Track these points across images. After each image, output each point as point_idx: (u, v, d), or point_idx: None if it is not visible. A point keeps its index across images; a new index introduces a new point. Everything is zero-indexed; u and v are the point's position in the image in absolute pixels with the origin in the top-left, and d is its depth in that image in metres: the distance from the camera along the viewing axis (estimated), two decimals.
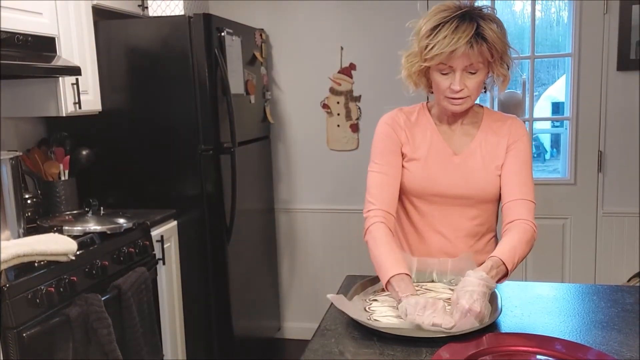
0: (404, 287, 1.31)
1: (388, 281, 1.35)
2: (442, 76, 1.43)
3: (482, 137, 1.54)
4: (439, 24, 1.38)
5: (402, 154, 1.56)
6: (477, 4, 1.46)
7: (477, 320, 1.20)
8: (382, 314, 1.29)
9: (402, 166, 1.56)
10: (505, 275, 1.35)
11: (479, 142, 1.54)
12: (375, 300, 1.37)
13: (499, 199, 1.56)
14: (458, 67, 1.39)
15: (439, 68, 1.42)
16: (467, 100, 1.45)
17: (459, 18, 1.38)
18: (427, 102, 1.62)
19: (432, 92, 1.55)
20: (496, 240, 1.65)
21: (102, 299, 1.90)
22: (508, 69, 1.47)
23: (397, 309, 1.28)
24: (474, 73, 1.41)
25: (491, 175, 1.52)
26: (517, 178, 1.50)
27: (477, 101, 1.57)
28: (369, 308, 1.33)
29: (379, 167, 1.55)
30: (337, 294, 1.48)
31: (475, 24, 1.37)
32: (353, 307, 1.31)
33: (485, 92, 1.55)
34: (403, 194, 1.59)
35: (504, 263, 1.33)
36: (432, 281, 1.47)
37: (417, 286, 1.42)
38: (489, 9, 1.44)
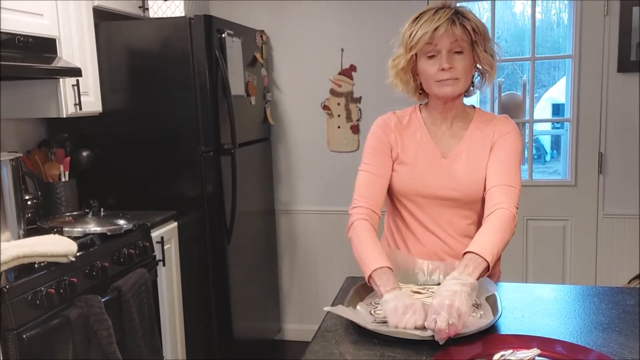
0: (385, 281, 1.32)
1: (370, 276, 1.36)
2: (429, 61, 1.48)
3: (469, 139, 1.56)
4: (420, 14, 1.48)
5: (392, 156, 1.58)
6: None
7: (453, 314, 1.15)
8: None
9: (392, 169, 1.58)
10: (487, 268, 1.31)
11: (465, 143, 1.56)
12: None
13: None
14: (444, 46, 1.45)
15: (425, 52, 1.47)
16: (458, 83, 1.48)
17: (438, 8, 1.48)
18: (420, 105, 1.64)
19: (421, 92, 1.58)
20: None
21: (102, 300, 1.90)
22: (493, 58, 1.51)
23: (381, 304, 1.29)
24: (460, 53, 1.46)
25: (475, 176, 1.53)
26: (497, 166, 1.50)
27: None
28: (374, 312, 1.32)
29: (368, 167, 1.58)
30: (337, 295, 1.49)
31: (453, 9, 1.47)
32: (356, 313, 1.30)
33: (472, 86, 1.57)
34: (395, 197, 1.61)
35: (479, 255, 1.30)
36: (439, 284, 1.47)
37: (423, 289, 1.43)
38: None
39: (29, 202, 2.34)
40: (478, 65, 1.52)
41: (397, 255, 1.52)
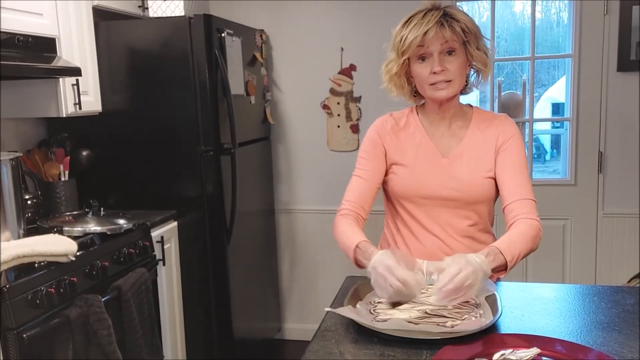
0: (364, 252, 1.38)
1: (355, 257, 1.42)
2: (421, 64, 1.49)
3: (469, 139, 1.56)
4: (410, 18, 1.49)
5: (388, 160, 1.59)
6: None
7: (457, 296, 1.21)
8: (387, 315, 1.28)
9: (391, 171, 1.59)
10: (504, 267, 1.34)
11: (466, 143, 1.55)
12: (380, 302, 1.37)
13: (492, 199, 1.57)
14: (435, 48, 1.45)
15: (416, 54, 1.48)
16: (451, 85, 1.48)
17: (427, 10, 1.48)
18: (417, 106, 1.64)
19: (415, 95, 1.59)
20: (495, 240, 1.65)
21: (102, 299, 1.90)
22: (487, 56, 1.52)
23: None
24: (452, 53, 1.46)
25: (477, 177, 1.53)
26: (513, 179, 1.51)
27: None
28: (373, 310, 1.32)
29: (359, 172, 1.61)
30: (337, 295, 1.49)
31: (442, 10, 1.47)
32: (355, 312, 1.31)
33: (467, 85, 1.57)
34: (394, 198, 1.62)
35: (501, 252, 1.33)
36: None
37: (423, 289, 1.43)
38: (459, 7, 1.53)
39: (28, 202, 2.34)
40: (473, 63, 1.52)
41: (396, 255, 1.52)
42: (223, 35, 2.64)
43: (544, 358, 1.10)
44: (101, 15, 2.61)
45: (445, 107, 1.55)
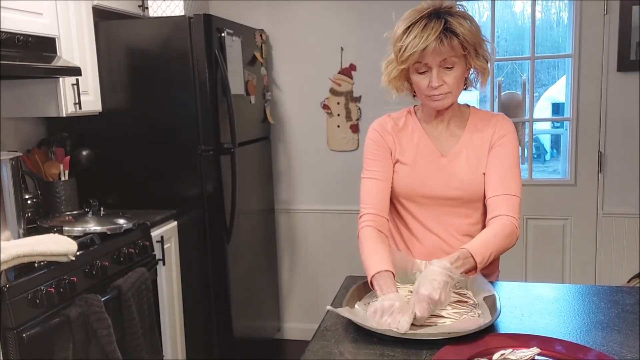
0: (382, 285, 1.35)
1: (371, 283, 1.39)
2: (420, 76, 1.48)
3: (467, 138, 1.56)
4: (410, 25, 1.44)
5: (392, 158, 1.59)
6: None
7: (436, 309, 1.23)
8: None
9: (393, 169, 1.59)
10: (474, 268, 1.37)
11: (464, 142, 1.56)
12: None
13: None
14: (433, 64, 1.44)
15: (416, 68, 1.47)
16: (448, 96, 1.49)
17: (427, 17, 1.43)
18: (415, 106, 1.65)
19: (415, 96, 1.59)
20: None
21: (102, 299, 1.90)
22: (487, 62, 1.51)
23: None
24: (450, 68, 1.45)
25: (476, 175, 1.54)
26: (499, 173, 1.51)
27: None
28: None
29: (370, 173, 1.59)
30: (337, 294, 1.49)
31: (443, 21, 1.42)
32: (356, 313, 1.31)
33: (466, 88, 1.58)
34: (394, 197, 1.62)
35: (472, 255, 1.35)
36: None
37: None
38: (460, 6, 1.49)
39: (28, 202, 2.34)
40: (473, 70, 1.52)
41: (395, 256, 1.52)
42: (223, 35, 2.64)
43: (543, 358, 1.10)
44: (101, 15, 2.61)
45: (442, 110, 1.56)
